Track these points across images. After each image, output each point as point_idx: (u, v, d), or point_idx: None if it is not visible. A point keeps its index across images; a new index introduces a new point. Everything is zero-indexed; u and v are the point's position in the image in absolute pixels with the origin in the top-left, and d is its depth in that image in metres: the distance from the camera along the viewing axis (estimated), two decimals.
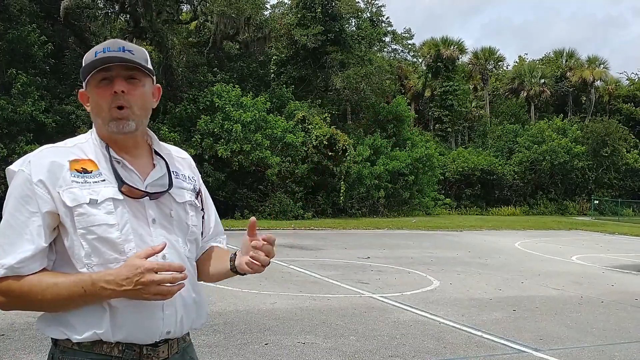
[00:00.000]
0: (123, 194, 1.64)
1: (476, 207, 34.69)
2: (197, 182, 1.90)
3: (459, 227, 23.59)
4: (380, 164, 27.47)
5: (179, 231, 1.74)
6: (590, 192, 37.68)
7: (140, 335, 1.62)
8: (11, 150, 18.84)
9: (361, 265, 11.92)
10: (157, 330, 1.64)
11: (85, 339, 1.60)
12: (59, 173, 1.61)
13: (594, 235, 23.45)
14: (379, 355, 5.65)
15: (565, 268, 12.80)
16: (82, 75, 1.70)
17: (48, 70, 21.78)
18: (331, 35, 28.21)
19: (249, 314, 7.12)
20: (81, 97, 1.77)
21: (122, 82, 1.66)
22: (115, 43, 1.69)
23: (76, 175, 1.62)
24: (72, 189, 1.60)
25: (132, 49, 1.69)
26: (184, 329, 1.72)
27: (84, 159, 1.67)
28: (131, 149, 1.74)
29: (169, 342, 1.69)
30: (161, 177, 1.75)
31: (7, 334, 5.75)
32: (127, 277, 1.53)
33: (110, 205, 1.61)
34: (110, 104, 1.66)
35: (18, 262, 1.56)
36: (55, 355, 1.66)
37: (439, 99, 41.04)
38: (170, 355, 1.70)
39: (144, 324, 1.62)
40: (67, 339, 1.62)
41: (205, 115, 23.09)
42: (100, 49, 1.68)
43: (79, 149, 1.70)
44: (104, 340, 1.60)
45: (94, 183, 1.63)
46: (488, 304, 8.46)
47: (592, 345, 6.45)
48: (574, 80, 44.67)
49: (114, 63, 1.65)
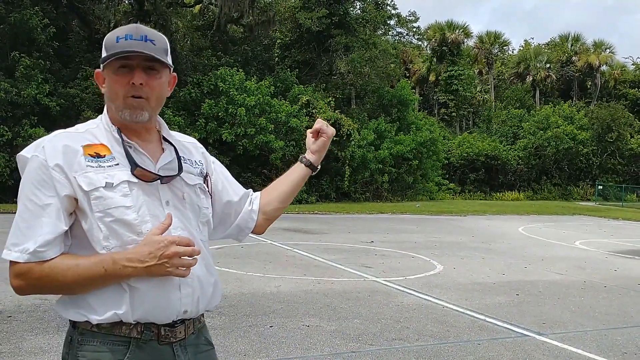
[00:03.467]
0: (136, 177, 1.65)
1: (480, 192, 34.67)
2: (205, 166, 1.92)
3: (462, 212, 23.61)
4: (384, 148, 27.41)
5: (192, 213, 1.76)
6: (594, 177, 37.59)
7: (159, 315, 1.64)
8: (15, 134, 18.86)
9: (365, 249, 11.96)
10: (174, 309, 1.66)
11: (105, 320, 1.62)
12: (73, 158, 1.62)
13: (598, 220, 23.44)
14: (383, 338, 5.69)
15: (569, 253, 12.82)
16: (102, 59, 1.70)
17: (52, 54, 21.67)
18: (335, 19, 28.00)
19: (254, 296, 7.17)
20: (97, 78, 1.77)
21: (142, 74, 1.66)
22: (138, 30, 1.67)
23: (90, 159, 1.63)
24: (88, 173, 1.61)
25: (154, 39, 1.68)
26: (199, 308, 1.74)
27: (97, 144, 1.68)
28: (142, 133, 1.75)
29: (186, 322, 1.72)
30: (171, 162, 1.76)
31: (14, 316, 5.81)
32: (150, 253, 1.56)
33: (125, 187, 1.63)
34: (126, 93, 1.66)
35: (40, 246, 1.57)
36: (74, 337, 1.67)
37: (444, 83, 40.85)
38: (187, 336, 1.73)
39: (161, 303, 1.64)
40: (87, 321, 1.63)
41: (210, 99, 23.05)
42: (122, 35, 1.66)
43: (91, 134, 1.70)
44: (123, 320, 1.62)
45: (108, 167, 1.64)
46: (491, 288, 8.50)
47: (595, 329, 6.48)
48: (580, 64, 44.39)
49: (135, 54, 1.64)
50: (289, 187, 2.08)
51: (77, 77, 21.97)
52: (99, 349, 1.63)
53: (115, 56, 1.64)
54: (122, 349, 1.63)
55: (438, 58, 42.01)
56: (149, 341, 1.65)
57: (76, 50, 23.07)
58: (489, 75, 46.20)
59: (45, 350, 4.90)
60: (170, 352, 1.68)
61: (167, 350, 1.68)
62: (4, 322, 5.62)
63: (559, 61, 45.89)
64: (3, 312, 5.93)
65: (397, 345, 5.52)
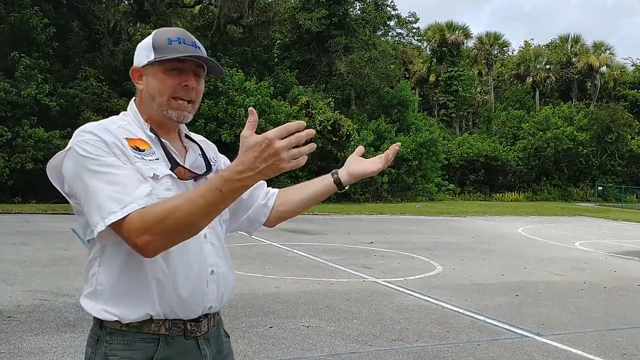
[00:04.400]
0: (173, 174, 1.67)
1: (480, 193, 34.66)
2: (218, 164, 1.93)
3: (462, 213, 23.60)
4: (384, 149, 27.13)
5: None
6: (594, 178, 37.61)
7: (187, 311, 1.66)
8: (15, 134, 18.83)
9: (364, 250, 11.95)
10: (201, 305, 1.69)
11: (136, 319, 1.61)
12: (122, 147, 1.61)
13: (597, 221, 23.45)
14: (383, 339, 5.68)
15: (568, 254, 12.82)
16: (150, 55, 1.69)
17: (51, 54, 21.69)
18: (335, 19, 28.03)
19: (254, 297, 7.16)
20: (133, 73, 1.76)
21: (193, 78, 1.71)
22: (187, 36, 1.72)
23: (134, 151, 1.63)
24: (137, 163, 1.61)
25: (200, 46, 1.74)
26: (222, 303, 1.79)
27: (136, 138, 1.67)
28: (171, 132, 1.78)
29: (208, 316, 1.76)
30: (196, 160, 1.79)
31: (13, 316, 5.80)
32: (256, 158, 1.43)
33: (169, 182, 1.64)
34: (174, 93, 1.69)
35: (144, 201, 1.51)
36: (101, 337, 1.65)
37: (444, 84, 40.86)
38: (210, 329, 1.77)
39: (190, 300, 1.66)
40: (116, 321, 1.62)
41: (209, 100, 23.06)
42: (174, 37, 1.69)
43: (125, 129, 1.69)
44: (154, 317, 1.62)
45: (150, 161, 1.64)
46: (491, 289, 8.49)
47: (595, 330, 6.47)
48: (580, 66, 44.40)
49: (199, 60, 1.69)
50: (308, 197, 2.03)
51: (77, 77, 21.95)
52: (130, 348, 1.62)
53: (179, 58, 1.67)
54: (152, 346, 1.64)
55: (438, 59, 42.02)
56: (176, 337, 1.67)
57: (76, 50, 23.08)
58: (489, 76, 46.21)
59: (45, 350, 4.89)
60: (195, 346, 1.72)
61: (192, 344, 1.71)
62: (3, 322, 5.61)
63: (558, 62, 45.92)
64: (2, 313, 5.92)
65: (396, 346, 5.51)
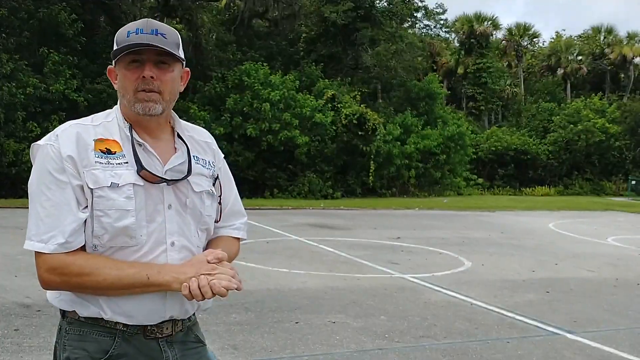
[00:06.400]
0: (142, 178, 1.63)
1: (509, 187, 34.22)
2: (216, 167, 1.86)
3: (491, 208, 23.30)
4: (410, 142, 27.18)
5: (192, 219, 1.73)
6: (627, 172, 36.79)
7: (140, 319, 1.64)
8: (44, 129, 19.12)
9: (391, 245, 11.86)
10: (158, 315, 1.67)
11: (89, 315, 1.63)
12: (84, 153, 1.61)
13: (631, 216, 22.90)
14: (410, 336, 5.60)
15: (601, 250, 12.53)
16: (113, 54, 1.68)
17: (79, 49, 21.95)
18: (361, 12, 27.77)
19: (280, 292, 7.14)
20: (110, 74, 1.77)
21: (152, 67, 1.64)
22: (148, 24, 1.65)
23: (100, 155, 1.62)
24: (95, 170, 1.60)
25: (165, 32, 1.66)
26: (188, 313, 1.74)
27: (109, 139, 1.66)
28: (154, 131, 1.73)
29: (174, 320, 1.71)
30: (181, 164, 1.73)
31: (42, 310, 5.86)
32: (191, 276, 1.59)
33: (130, 190, 1.61)
34: (137, 87, 1.65)
35: (69, 236, 1.56)
36: (62, 326, 1.70)
37: (472, 76, 40.35)
38: (175, 333, 1.72)
39: (144, 309, 1.64)
40: (74, 311, 1.65)
41: (234, 94, 23.13)
42: (132, 29, 1.65)
43: (105, 127, 1.69)
44: (105, 319, 1.63)
45: (117, 165, 1.62)
46: (521, 285, 8.33)
47: (628, 328, 6.30)
48: (613, 57, 43.39)
49: (145, 48, 1.62)
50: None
51: (104, 72, 22.12)
52: (84, 339, 1.64)
53: (126, 50, 1.62)
54: (108, 340, 1.63)
55: (466, 51, 41.49)
56: (135, 334, 1.65)
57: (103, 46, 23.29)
58: (519, 68, 45.46)
59: None
60: (157, 347, 1.68)
61: (153, 345, 1.68)
62: (33, 316, 5.68)
63: (591, 53, 44.95)
64: (32, 306, 5.99)
65: (424, 342, 5.43)
